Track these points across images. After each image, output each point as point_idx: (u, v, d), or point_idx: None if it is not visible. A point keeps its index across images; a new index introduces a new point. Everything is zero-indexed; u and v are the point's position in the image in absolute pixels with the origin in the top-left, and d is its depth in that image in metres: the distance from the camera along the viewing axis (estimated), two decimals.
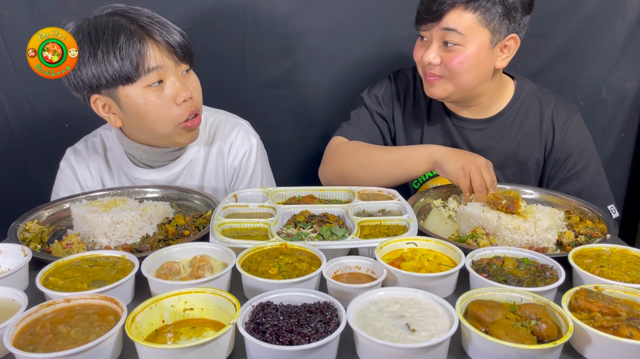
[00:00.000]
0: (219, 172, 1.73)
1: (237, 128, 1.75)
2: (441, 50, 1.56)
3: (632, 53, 2.17)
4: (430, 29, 1.55)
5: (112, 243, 1.32)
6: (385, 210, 1.42)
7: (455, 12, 1.51)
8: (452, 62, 1.54)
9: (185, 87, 1.51)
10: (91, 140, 1.74)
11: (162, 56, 1.45)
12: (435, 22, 1.53)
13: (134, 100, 1.47)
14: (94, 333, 0.89)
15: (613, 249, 1.20)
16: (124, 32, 1.41)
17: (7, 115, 2.10)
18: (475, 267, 1.12)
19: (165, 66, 1.46)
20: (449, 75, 1.58)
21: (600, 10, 2.10)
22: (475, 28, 1.52)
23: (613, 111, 2.26)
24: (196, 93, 1.55)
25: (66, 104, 2.05)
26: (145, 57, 1.43)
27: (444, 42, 1.54)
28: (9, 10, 1.95)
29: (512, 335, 0.88)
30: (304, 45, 2.11)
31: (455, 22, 1.51)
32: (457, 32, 1.51)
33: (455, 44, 1.53)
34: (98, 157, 1.71)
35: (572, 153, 1.71)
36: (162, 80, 1.47)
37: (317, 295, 0.98)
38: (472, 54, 1.54)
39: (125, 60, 1.41)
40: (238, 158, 1.73)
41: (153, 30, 1.44)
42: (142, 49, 1.42)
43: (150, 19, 1.46)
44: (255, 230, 1.30)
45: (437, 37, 1.55)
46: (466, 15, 1.51)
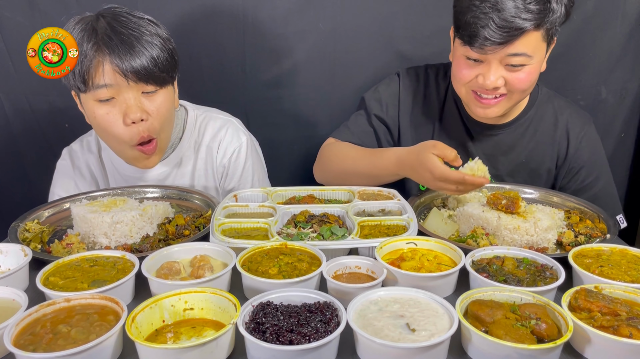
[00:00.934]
0: (208, 170, 1.72)
1: (226, 126, 1.72)
2: (503, 70, 1.45)
3: (632, 53, 2.17)
4: (489, 52, 1.42)
5: (112, 243, 1.32)
6: (385, 210, 1.42)
7: (526, 36, 1.39)
8: (518, 81, 1.46)
9: (138, 109, 1.42)
10: (86, 139, 1.75)
11: (105, 77, 1.38)
12: (501, 47, 1.40)
13: (87, 109, 1.46)
14: (94, 333, 0.89)
15: (613, 249, 1.20)
16: (86, 40, 1.37)
17: (7, 115, 2.10)
18: (475, 267, 1.12)
19: (118, 85, 1.39)
20: (511, 93, 1.49)
21: (600, 10, 2.10)
22: (539, 45, 1.44)
23: (613, 111, 2.26)
24: (155, 117, 1.46)
25: (66, 104, 2.05)
26: (95, 73, 1.37)
27: (508, 64, 1.43)
28: (9, 10, 1.95)
29: (512, 335, 0.88)
30: (304, 45, 2.11)
31: (525, 45, 1.40)
32: (525, 55, 1.42)
33: (522, 64, 1.44)
34: (92, 157, 1.71)
35: (586, 165, 1.68)
36: (114, 97, 1.42)
37: (317, 295, 0.98)
38: (535, 68, 1.46)
39: (76, 68, 1.36)
40: (227, 156, 1.70)
41: (106, 49, 1.36)
42: (94, 64, 1.36)
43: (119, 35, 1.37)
44: (255, 230, 1.30)
45: (498, 59, 1.43)
46: (535, 35, 1.40)
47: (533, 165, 1.70)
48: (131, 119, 1.42)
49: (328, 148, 1.75)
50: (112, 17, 1.41)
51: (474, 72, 1.48)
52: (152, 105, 1.46)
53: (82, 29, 1.39)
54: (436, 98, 1.74)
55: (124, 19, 1.41)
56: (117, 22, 1.40)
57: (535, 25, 1.38)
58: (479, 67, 1.47)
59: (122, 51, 1.37)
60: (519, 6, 1.36)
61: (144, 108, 1.44)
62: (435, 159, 1.34)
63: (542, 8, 1.37)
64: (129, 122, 1.43)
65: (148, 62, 1.39)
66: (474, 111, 1.58)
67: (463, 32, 1.44)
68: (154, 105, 1.46)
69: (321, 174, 1.77)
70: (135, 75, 1.39)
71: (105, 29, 1.38)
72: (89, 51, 1.36)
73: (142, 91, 1.44)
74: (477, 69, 1.47)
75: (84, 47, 1.36)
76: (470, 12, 1.40)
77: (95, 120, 1.45)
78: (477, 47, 1.41)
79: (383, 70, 2.08)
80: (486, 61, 1.45)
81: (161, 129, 1.51)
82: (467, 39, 1.43)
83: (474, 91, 1.52)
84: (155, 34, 1.43)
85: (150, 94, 1.45)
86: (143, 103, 1.44)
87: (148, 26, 1.43)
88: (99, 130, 1.51)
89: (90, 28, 1.39)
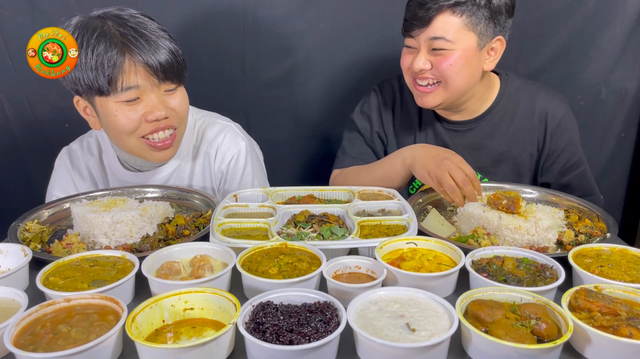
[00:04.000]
0: (206, 176, 1.71)
1: (224, 132, 1.70)
2: (430, 55, 1.57)
3: (632, 53, 2.17)
4: (417, 36, 1.56)
5: (112, 243, 1.32)
6: (385, 210, 1.42)
7: (442, 18, 1.52)
8: (442, 65, 1.56)
9: (162, 106, 1.46)
10: (87, 140, 1.73)
11: (138, 77, 1.40)
12: (423, 29, 1.54)
13: (106, 110, 1.45)
14: (94, 333, 0.89)
15: (613, 249, 1.20)
16: (104, 43, 1.36)
17: (7, 116, 2.10)
18: (475, 267, 1.12)
19: (142, 86, 1.42)
20: (441, 79, 1.59)
21: (600, 10, 2.10)
22: (462, 32, 1.53)
23: (613, 111, 2.26)
24: (176, 113, 1.50)
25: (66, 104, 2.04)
26: (120, 76, 1.38)
27: (432, 48, 1.55)
28: (9, 10, 1.95)
29: (512, 335, 0.88)
30: (304, 45, 2.11)
31: (443, 28, 1.52)
32: (445, 39, 1.53)
33: (443, 49, 1.54)
34: (93, 159, 1.71)
35: (567, 146, 1.73)
36: (139, 97, 1.44)
37: (317, 295, 0.98)
38: (460, 56, 1.55)
39: (100, 73, 1.37)
40: (225, 162, 1.69)
41: (134, 49, 1.38)
42: (118, 67, 1.37)
43: (138, 34, 1.39)
44: (255, 230, 1.30)
45: (425, 45, 1.57)
46: (453, 20, 1.52)
47: (515, 152, 1.75)
48: (155, 117, 1.45)
49: (339, 178, 1.78)
50: (116, 19, 1.41)
51: (410, 59, 1.62)
52: (173, 102, 1.50)
53: (95, 35, 1.37)
54: (413, 104, 1.79)
55: (127, 19, 1.42)
56: (125, 23, 1.41)
57: (448, 6, 1.50)
58: (413, 54, 1.61)
59: (149, 49, 1.40)
60: None
61: (167, 106, 1.48)
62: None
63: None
64: (151, 119, 1.46)
65: (170, 56, 1.44)
66: (417, 101, 1.69)
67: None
68: (175, 102, 1.51)
69: None
70: (163, 72, 1.42)
71: (122, 32, 1.39)
72: (117, 56, 1.37)
73: (164, 89, 1.47)
74: (412, 56, 1.61)
75: (110, 53, 1.36)
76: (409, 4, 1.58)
77: (115, 118, 1.44)
78: (406, 33, 1.59)
79: (383, 70, 2.09)
80: (417, 47, 1.59)
81: (181, 121, 1.55)
82: (402, 28, 1.61)
83: (414, 78, 1.64)
84: (160, 28, 1.46)
85: (171, 92, 1.50)
86: (166, 101, 1.48)
87: (150, 23, 1.45)
88: (114, 131, 1.50)
89: (104, 33, 1.38)
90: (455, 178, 1.39)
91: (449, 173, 1.40)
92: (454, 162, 1.41)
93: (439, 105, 1.65)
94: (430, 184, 1.46)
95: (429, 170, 1.44)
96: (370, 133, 1.83)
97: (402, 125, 1.82)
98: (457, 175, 1.39)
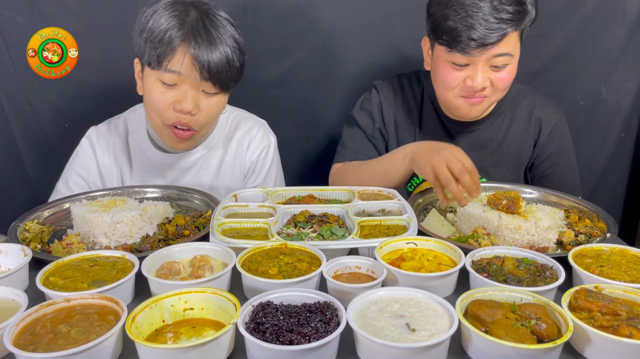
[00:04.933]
0: (236, 165, 1.77)
1: (258, 126, 1.80)
2: (489, 71, 1.52)
3: (632, 53, 2.17)
4: (476, 55, 1.48)
5: (112, 243, 1.32)
6: (385, 210, 1.42)
7: (508, 36, 1.47)
8: (501, 81, 1.53)
9: (193, 102, 1.48)
10: (114, 122, 1.77)
11: (183, 65, 1.43)
12: (487, 48, 1.46)
13: (147, 82, 1.51)
14: (94, 333, 0.89)
15: (613, 249, 1.20)
16: (176, 27, 1.42)
17: (7, 116, 2.10)
18: (475, 267, 1.12)
19: (183, 76, 1.45)
20: (493, 93, 1.57)
21: (600, 10, 2.10)
22: (517, 45, 1.52)
23: (613, 111, 2.26)
24: (204, 114, 1.52)
25: (66, 104, 2.05)
26: (173, 58, 1.43)
27: (492, 65, 1.50)
28: (9, 10, 1.94)
29: (512, 335, 0.88)
30: (304, 45, 2.11)
31: (508, 44, 1.48)
32: (509, 55, 1.49)
33: (506, 64, 1.51)
34: (119, 139, 1.73)
35: (554, 152, 1.78)
36: (177, 84, 1.47)
37: (317, 295, 0.98)
38: (514, 67, 1.54)
39: (156, 46, 1.42)
40: (256, 153, 1.77)
41: (192, 40, 1.42)
42: (171, 48, 1.42)
43: (205, 30, 1.43)
44: (255, 230, 1.30)
45: (484, 61, 1.49)
46: (514, 35, 1.49)
47: (513, 154, 1.78)
48: (182, 107, 1.47)
49: (340, 172, 1.77)
50: (203, 11, 1.47)
51: (461, 76, 1.54)
52: (205, 103, 1.51)
53: (173, 15, 1.43)
54: (414, 103, 1.80)
55: (212, 17, 1.47)
56: (207, 18, 1.46)
57: (515, 26, 1.46)
58: (465, 70, 1.53)
59: (205, 47, 1.43)
60: (498, 8, 1.43)
61: (198, 103, 1.50)
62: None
63: (520, 9, 1.46)
64: (178, 108, 1.48)
65: (222, 62, 1.46)
66: (460, 111, 1.64)
67: (447, 38, 1.49)
68: (207, 104, 1.52)
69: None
70: (208, 71, 1.44)
71: (196, 22, 1.44)
72: (175, 37, 1.42)
73: (203, 89, 1.49)
74: (464, 72, 1.53)
75: (172, 32, 1.41)
76: (453, 18, 1.47)
77: (149, 93, 1.50)
78: (463, 51, 1.47)
79: (383, 70, 2.09)
80: (472, 64, 1.51)
81: (203, 126, 1.57)
82: (453, 44, 1.48)
83: (466, 94, 1.57)
84: (233, 37, 1.49)
85: (209, 95, 1.51)
86: (199, 99, 1.50)
87: (229, 28, 1.49)
88: (146, 105, 1.56)
89: (183, 16, 1.43)
90: (452, 169, 1.33)
91: (446, 165, 1.34)
92: (452, 153, 1.37)
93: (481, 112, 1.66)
94: (427, 177, 1.40)
95: (426, 161, 1.40)
96: (372, 129, 1.82)
97: (403, 123, 1.81)
98: (454, 166, 1.33)
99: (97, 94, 2.04)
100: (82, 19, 1.92)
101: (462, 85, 1.55)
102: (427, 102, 1.79)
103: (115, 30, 1.94)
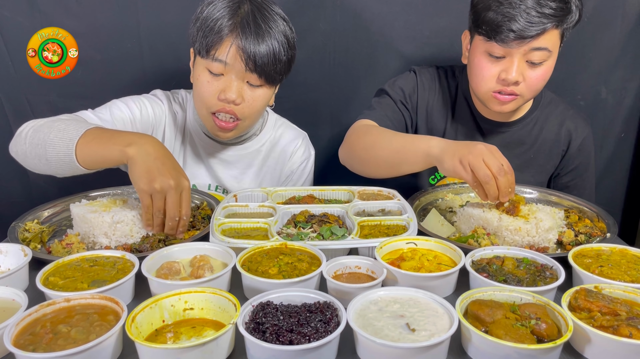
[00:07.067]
0: (276, 170, 1.81)
1: (302, 137, 1.85)
2: (524, 67, 1.49)
3: (632, 53, 2.17)
4: (514, 47, 1.45)
5: (112, 242, 1.32)
6: (385, 210, 1.42)
7: (549, 32, 1.44)
8: (535, 79, 1.51)
9: (237, 91, 1.49)
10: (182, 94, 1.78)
11: (229, 55, 1.45)
12: (526, 41, 1.44)
13: (196, 70, 1.54)
14: (94, 333, 0.89)
15: (613, 249, 1.20)
16: (227, 17, 1.44)
17: (7, 115, 2.10)
18: (475, 267, 1.12)
19: (229, 66, 1.46)
20: (525, 92, 1.54)
21: (600, 10, 2.10)
22: (557, 44, 1.50)
23: (613, 111, 2.26)
24: (248, 105, 1.53)
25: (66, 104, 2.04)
26: (220, 47, 1.45)
27: (529, 60, 1.48)
28: (9, 10, 1.94)
29: (512, 335, 0.88)
30: (304, 45, 2.10)
31: (548, 40, 1.45)
32: (547, 50, 1.46)
33: (543, 60, 1.48)
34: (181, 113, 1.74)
35: (579, 166, 1.80)
36: (223, 74, 1.49)
37: (317, 295, 0.98)
38: (551, 66, 1.52)
39: (206, 35, 1.45)
40: (297, 163, 1.82)
41: (240, 31, 1.43)
42: (219, 38, 1.44)
43: (255, 23, 1.44)
44: (255, 230, 1.30)
45: (522, 54, 1.47)
46: (555, 32, 1.46)
47: (540, 161, 1.78)
48: (226, 96, 1.49)
49: (360, 126, 1.66)
50: (256, 5, 1.48)
51: (497, 68, 1.51)
52: (250, 95, 1.52)
53: (227, 6, 1.46)
54: (448, 95, 1.78)
55: (265, 11, 1.48)
56: (259, 12, 1.47)
57: (557, 22, 1.43)
58: (501, 63, 1.51)
59: (252, 39, 1.44)
60: (541, 2, 1.41)
61: (242, 93, 1.51)
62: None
63: (563, 7, 1.43)
64: (222, 98, 1.49)
65: (268, 54, 1.46)
66: (491, 105, 1.60)
67: (487, 27, 1.47)
68: (252, 95, 1.53)
69: (344, 153, 1.68)
70: (253, 62, 1.45)
71: (247, 14, 1.46)
72: (225, 27, 1.44)
73: (248, 81, 1.50)
74: (500, 65, 1.51)
75: (222, 21, 1.44)
76: (495, 9, 1.44)
77: (197, 82, 1.54)
78: (502, 42, 1.45)
79: (383, 70, 2.08)
80: (509, 56, 1.49)
81: (247, 116, 1.57)
82: (492, 34, 1.46)
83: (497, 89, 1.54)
84: (283, 33, 1.50)
85: (253, 87, 1.52)
86: (244, 89, 1.51)
87: (280, 23, 1.50)
88: (194, 91, 1.59)
89: (235, 7, 1.46)
90: (490, 166, 1.26)
91: (483, 160, 1.27)
92: (489, 148, 1.30)
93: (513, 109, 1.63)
94: (461, 176, 1.30)
95: (460, 157, 1.29)
96: (404, 98, 1.76)
97: (435, 113, 1.78)
98: (493, 163, 1.26)
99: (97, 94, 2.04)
100: (82, 19, 1.92)
101: (496, 79, 1.52)
102: (460, 97, 1.76)
103: (115, 30, 1.94)
